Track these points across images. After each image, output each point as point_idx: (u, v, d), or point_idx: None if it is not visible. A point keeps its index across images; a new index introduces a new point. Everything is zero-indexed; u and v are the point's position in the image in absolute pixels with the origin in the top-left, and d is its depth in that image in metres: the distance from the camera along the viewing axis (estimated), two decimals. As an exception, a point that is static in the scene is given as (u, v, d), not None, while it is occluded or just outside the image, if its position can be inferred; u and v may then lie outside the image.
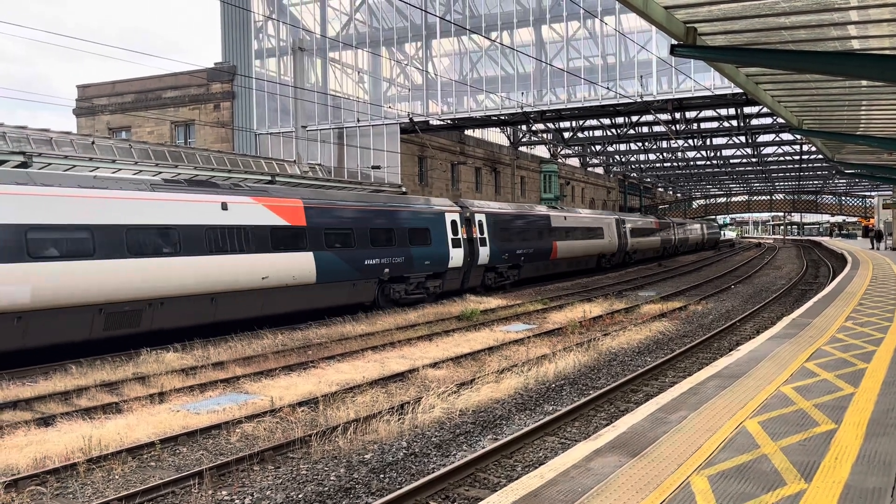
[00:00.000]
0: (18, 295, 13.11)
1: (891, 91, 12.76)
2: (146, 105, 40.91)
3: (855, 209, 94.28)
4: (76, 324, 14.27)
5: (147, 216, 15.51)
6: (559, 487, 5.31)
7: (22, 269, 13.18)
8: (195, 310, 16.52)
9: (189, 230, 16.28)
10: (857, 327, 12.88)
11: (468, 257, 25.97)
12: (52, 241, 13.84)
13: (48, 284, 13.60)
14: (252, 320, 18.05)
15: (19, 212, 13.28)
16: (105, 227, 14.62)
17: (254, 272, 17.58)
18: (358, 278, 21.02)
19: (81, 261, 14.14)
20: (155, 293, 15.48)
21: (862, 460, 5.76)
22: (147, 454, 8.97)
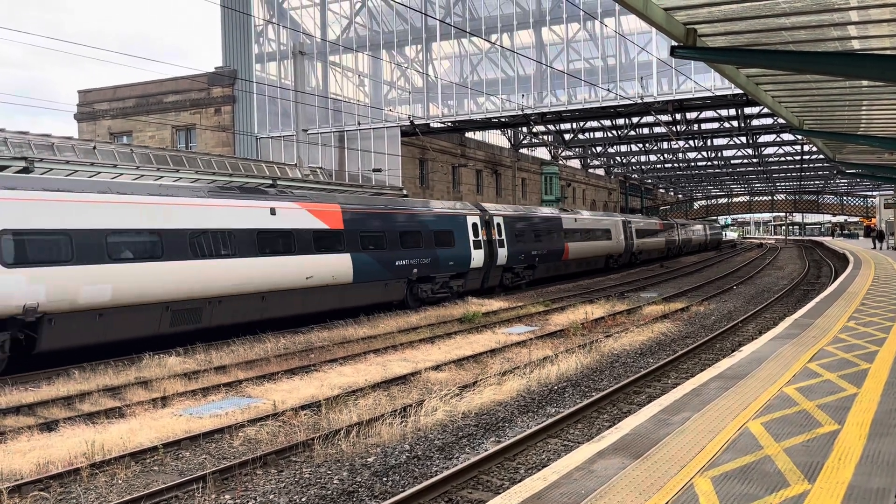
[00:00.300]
0: (101, 293, 14.41)
1: (891, 91, 12.76)
2: (147, 110, 40.97)
3: (857, 209, 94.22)
4: (147, 320, 15.51)
5: (206, 221, 16.71)
6: (562, 490, 5.31)
7: (104, 270, 14.47)
8: (247, 307, 17.68)
9: (243, 234, 17.47)
10: (859, 327, 12.87)
11: (488, 258, 27.18)
12: (127, 244, 15.13)
13: (125, 283, 14.84)
14: (296, 317, 19.21)
15: (101, 218, 14.65)
16: (172, 231, 15.87)
17: (299, 272, 18.76)
18: (389, 278, 22.23)
19: (152, 262, 15.44)
20: (213, 292, 16.68)
21: (865, 461, 5.75)
22: (150, 458, 8.97)
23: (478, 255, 26.47)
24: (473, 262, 26.23)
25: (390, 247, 22.24)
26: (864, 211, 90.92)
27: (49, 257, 13.78)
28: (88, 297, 14.18)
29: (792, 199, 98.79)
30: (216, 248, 16.78)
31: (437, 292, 24.56)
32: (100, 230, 14.55)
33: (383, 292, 22.18)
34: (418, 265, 23.31)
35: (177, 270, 15.79)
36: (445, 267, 24.73)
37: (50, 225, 13.82)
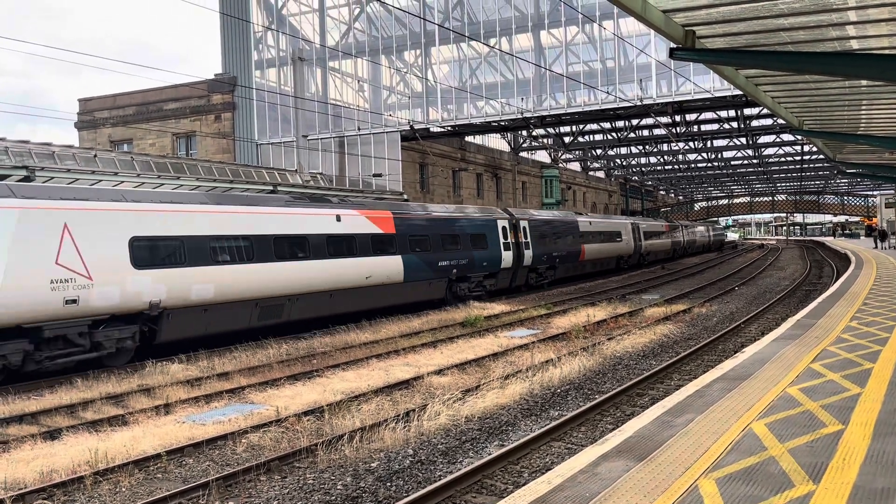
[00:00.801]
0: (206, 291, 16.45)
1: (891, 90, 12.77)
2: (147, 117, 41.05)
3: (857, 209, 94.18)
4: (241, 315, 17.51)
5: (285, 227, 18.80)
6: (567, 493, 5.30)
7: (208, 271, 16.56)
8: (318, 304, 19.60)
9: (315, 238, 19.56)
10: (862, 327, 12.85)
11: (516, 259, 29.27)
12: (225, 248, 17.17)
13: (224, 283, 16.84)
14: (356, 313, 21.06)
15: (205, 226, 16.72)
16: (259, 237, 17.96)
17: (360, 272, 20.89)
18: (433, 278, 24.30)
19: (245, 264, 17.45)
20: (292, 290, 18.65)
21: (870, 461, 5.74)
22: (153, 466, 8.97)
23: (507, 257, 28.48)
24: (504, 262, 28.29)
25: (433, 249, 24.27)
26: (865, 210, 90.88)
27: (167, 261, 15.81)
28: (197, 294, 16.27)
29: (793, 200, 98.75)
30: (294, 251, 18.86)
31: (472, 291, 26.56)
32: (205, 236, 16.66)
33: (427, 290, 24.19)
34: (457, 266, 25.36)
35: (264, 271, 17.83)
36: (480, 267, 26.76)
37: (167, 232, 15.88)
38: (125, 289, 14.87)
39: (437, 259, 24.29)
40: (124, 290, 14.85)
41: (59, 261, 13.80)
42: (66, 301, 13.84)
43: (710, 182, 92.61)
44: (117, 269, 14.77)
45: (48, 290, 13.61)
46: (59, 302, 13.73)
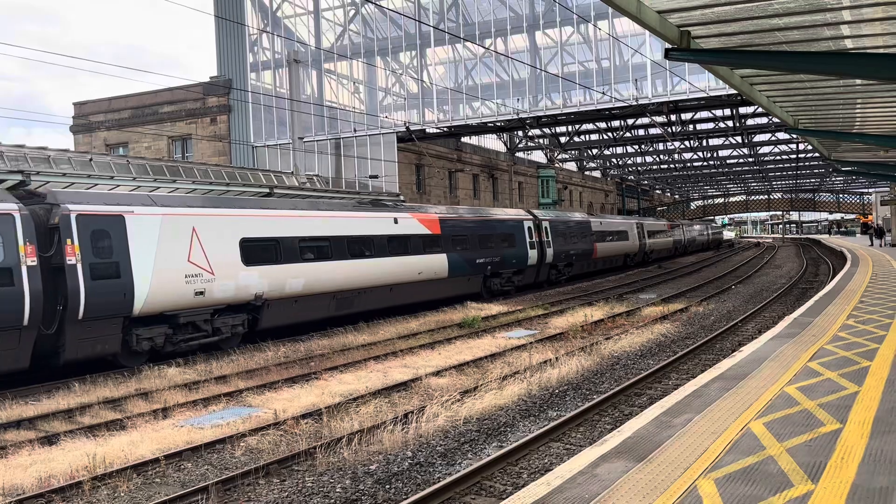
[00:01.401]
0: (297, 285, 18.95)
1: (885, 89, 12.80)
2: (143, 121, 40.98)
3: (853, 206, 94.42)
4: (322, 305, 20.07)
5: (354, 229, 21.24)
6: (566, 494, 5.31)
7: (298, 268, 19.05)
8: (381, 297, 22.14)
9: (379, 239, 22.07)
10: (858, 325, 12.88)
11: (540, 257, 31.84)
12: (311, 248, 19.64)
13: (310, 278, 19.34)
14: (409, 305, 23.61)
15: (295, 229, 19.26)
16: (336, 238, 20.45)
17: (413, 269, 23.46)
18: (471, 274, 26.90)
19: (326, 262, 19.94)
20: (360, 284, 21.14)
21: (868, 459, 5.76)
22: (152, 471, 8.95)
23: (533, 255, 31.09)
24: (530, 260, 30.93)
25: (472, 248, 26.78)
26: (861, 208, 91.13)
27: (267, 259, 18.24)
28: (290, 287, 18.75)
29: (788, 198, 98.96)
30: (362, 250, 21.32)
31: (503, 286, 29.12)
32: (296, 237, 19.17)
33: (466, 285, 26.75)
34: (491, 263, 27.91)
35: (340, 268, 20.37)
36: (510, 264, 29.30)
37: (267, 234, 18.40)
38: (238, 282, 17.40)
39: (474, 257, 26.86)
40: (237, 284, 17.39)
41: (191, 259, 16.33)
42: (195, 293, 16.39)
43: (706, 181, 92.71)
44: (232, 266, 17.28)
45: (183, 284, 16.13)
46: (191, 293, 16.26)
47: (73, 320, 14.09)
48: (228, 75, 39.76)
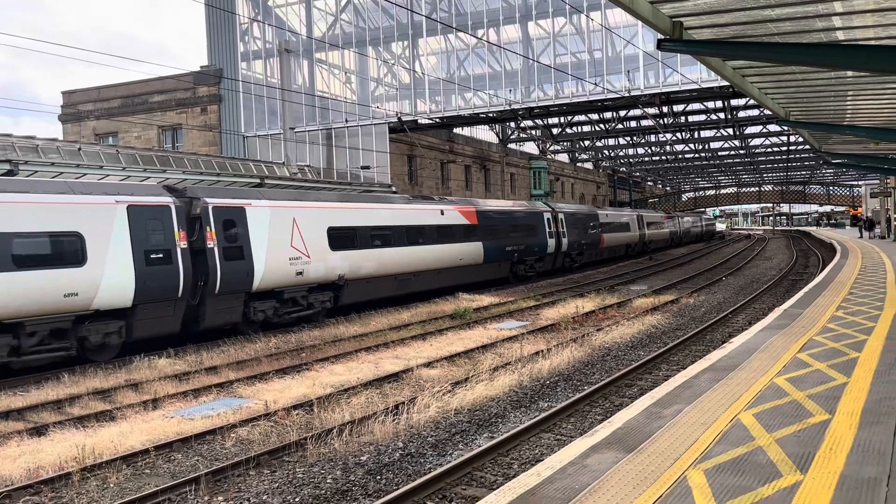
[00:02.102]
0: (369, 268, 21.85)
1: (876, 81, 12.83)
2: (133, 110, 40.69)
3: (843, 199, 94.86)
4: (387, 286, 22.89)
5: (411, 220, 24.08)
6: (556, 485, 5.31)
7: (370, 253, 21.87)
8: (430, 279, 24.97)
9: (430, 228, 24.86)
10: (847, 317, 12.95)
11: (557, 245, 34.51)
12: (378, 236, 22.36)
13: (379, 261, 22.22)
14: (452, 287, 26.17)
15: (367, 219, 22.09)
16: (397, 227, 23.21)
17: (457, 255, 26.32)
18: (501, 260, 29.68)
19: (389, 248, 22.69)
20: (415, 268, 23.98)
21: (857, 450, 5.79)
22: (142, 462, 8.93)
23: (551, 243, 33.86)
24: (549, 248, 33.69)
25: (502, 237, 29.49)
26: (851, 200, 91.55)
27: (347, 245, 20.96)
28: (364, 270, 21.57)
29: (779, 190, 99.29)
30: (416, 238, 24.01)
31: (527, 271, 32.09)
32: (367, 227, 21.92)
33: (496, 270, 29.60)
34: (517, 250, 30.60)
35: (399, 253, 23.12)
36: (532, 252, 32.09)
37: (348, 224, 21.16)
38: (326, 265, 20.13)
39: (504, 245, 29.60)
40: (326, 266, 20.12)
41: (292, 244, 19.10)
42: (296, 273, 19.13)
43: (698, 173, 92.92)
44: (322, 251, 20.01)
45: (288, 265, 18.87)
46: (293, 273, 19.04)
47: (211, 294, 16.92)
48: (219, 65, 39.50)
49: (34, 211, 13.97)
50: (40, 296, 13.75)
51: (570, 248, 36.04)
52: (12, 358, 13.57)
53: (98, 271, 14.69)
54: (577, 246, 36.86)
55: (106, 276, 14.82)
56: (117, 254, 15.09)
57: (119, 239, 15.19)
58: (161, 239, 15.93)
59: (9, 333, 13.49)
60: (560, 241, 34.72)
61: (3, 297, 13.16)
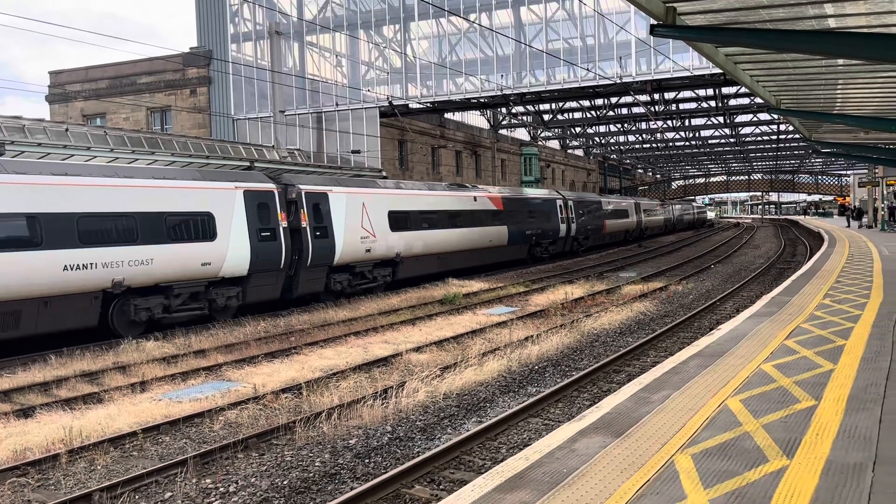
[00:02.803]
0: (420, 247, 25.08)
1: (867, 70, 12.84)
2: (121, 91, 40.26)
3: (831, 188, 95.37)
4: (432, 263, 26.18)
5: (451, 205, 27.28)
6: (544, 469, 5.33)
7: (420, 234, 25.09)
8: (465, 258, 28.14)
9: (466, 213, 27.99)
10: (834, 304, 13.04)
11: (567, 230, 37.65)
12: (427, 219, 25.64)
13: (427, 241, 25.51)
14: (481, 266, 29.73)
15: (418, 205, 25.27)
16: (440, 212, 26.52)
17: (486, 237, 29.58)
18: (522, 242, 32.85)
19: (435, 230, 26.06)
20: (454, 248, 27.16)
21: (842, 436, 5.84)
22: (129, 444, 8.90)
23: (563, 228, 37.05)
24: (561, 232, 36.89)
25: (522, 221, 32.44)
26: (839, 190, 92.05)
27: (403, 227, 24.03)
28: (415, 249, 24.83)
29: (768, 179, 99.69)
30: (455, 222, 27.23)
31: (542, 253, 34.89)
32: (419, 211, 25.10)
33: (518, 251, 32.77)
34: (535, 234, 33.77)
35: (443, 234, 26.45)
36: (547, 235, 35.21)
37: (403, 208, 24.27)
38: (387, 244, 23.20)
39: (524, 229, 32.56)
40: (387, 245, 23.17)
41: (362, 226, 22.19)
42: (366, 250, 22.27)
43: (688, 161, 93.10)
44: (384, 232, 23.06)
45: (359, 243, 21.95)
46: (363, 250, 22.17)
47: (304, 266, 19.94)
48: (208, 46, 39.09)
49: (181, 194, 16.87)
50: (185, 264, 16.77)
51: (578, 233, 39.20)
52: (164, 314, 16.55)
53: (225, 245, 17.69)
54: (583, 231, 40.07)
55: (230, 249, 17.82)
56: (238, 231, 18.06)
57: (239, 219, 18.15)
58: (268, 219, 18.88)
59: (162, 294, 16.50)
60: (570, 227, 37.94)
61: (160, 264, 16.13)
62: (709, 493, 4.78)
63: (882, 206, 45.72)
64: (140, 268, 15.73)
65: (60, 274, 14.29)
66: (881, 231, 41.91)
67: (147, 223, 15.97)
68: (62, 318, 14.57)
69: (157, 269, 16.08)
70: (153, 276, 16.08)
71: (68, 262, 14.42)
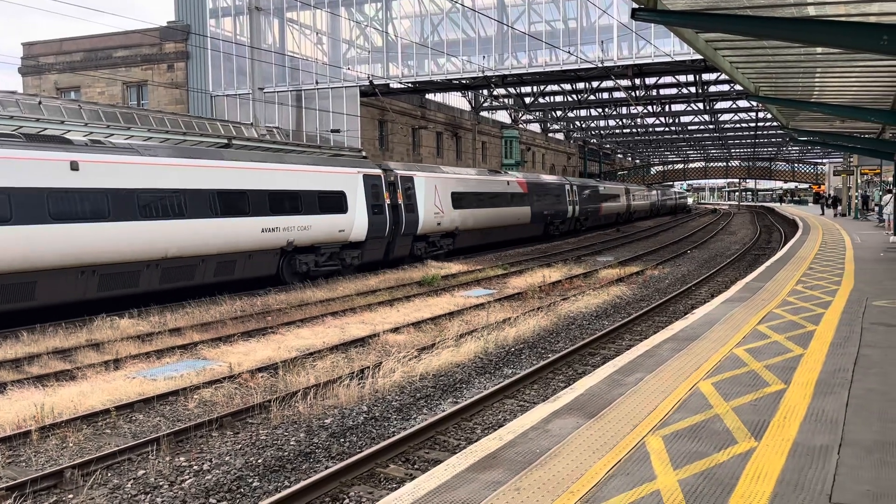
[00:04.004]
0: (472, 222, 29.98)
1: (845, 58, 12.97)
2: (96, 64, 39.52)
3: (807, 176, 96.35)
4: (478, 237, 31.28)
5: (493, 188, 32.45)
6: (517, 449, 5.38)
7: (472, 212, 29.99)
8: (499, 233, 33.25)
9: (502, 195, 33.07)
10: (806, 290, 13.24)
11: (573, 211, 42.78)
12: (477, 199, 30.46)
13: (477, 218, 30.46)
14: (509, 241, 34.77)
15: (471, 186, 30.33)
16: (485, 193, 31.47)
17: (516, 216, 34.63)
18: (540, 221, 37.77)
19: (481, 209, 30.91)
20: (493, 224, 32.19)
21: (809, 419, 5.95)
22: (102, 422, 8.84)
23: (570, 209, 42.08)
24: (569, 213, 41.94)
25: (540, 202, 37.30)
26: (815, 178, 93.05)
27: (461, 205, 28.93)
28: (469, 224, 29.74)
29: (746, 166, 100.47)
30: (493, 202, 32.07)
31: (554, 231, 39.84)
32: (472, 192, 30.10)
33: (535, 229, 37.55)
34: (549, 214, 38.75)
35: (486, 212, 31.37)
36: (558, 216, 40.19)
37: (461, 190, 29.28)
38: (451, 219, 28.30)
39: (542, 209, 37.48)
40: (451, 219, 28.29)
41: (435, 203, 27.09)
42: (437, 223, 27.35)
43: (667, 146, 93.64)
44: (448, 209, 28.04)
45: (433, 218, 26.97)
46: (436, 224, 27.26)
47: (398, 235, 24.98)
48: (186, 21, 38.46)
49: (326, 177, 21.87)
50: (329, 230, 21.73)
51: (580, 215, 44.03)
52: (314, 268, 21.43)
53: (352, 217, 22.55)
54: (585, 213, 44.91)
55: (356, 220, 22.68)
56: (360, 207, 22.82)
57: (360, 197, 22.91)
58: (377, 197, 23.73)
59: (313, 253, 21.39)
60: (575, 209, 42.85)
61: (315, 230, 21.08)
62: (678, 473, 4.86)
63: (856, 194, 46.37)
64: (303, 232, 20.68)
65: (259, 235, 19.19)
66: (854, 219, 42.53)
67: (307, 199, 20.90)
68: (257, 267, 19.42)
69: (313, 233, 21.08)
70: (311, 238, 21.05)
71: (264, 226, 19.33)
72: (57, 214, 14.49)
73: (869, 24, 8.83)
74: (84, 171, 15.10)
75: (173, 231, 16.75)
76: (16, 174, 13.92)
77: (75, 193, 14.89)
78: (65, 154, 14.90)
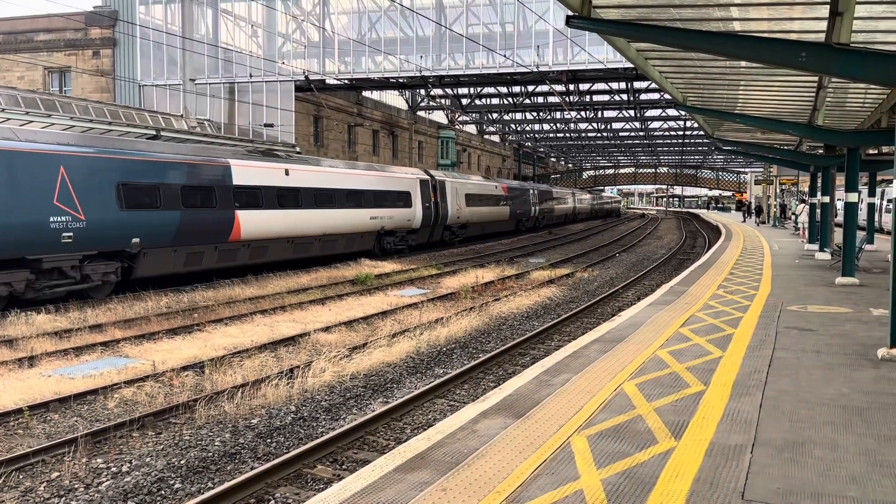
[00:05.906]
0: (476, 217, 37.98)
1: (767, 73, 13.50)
2: (15, 48, 37.73)
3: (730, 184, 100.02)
4: (479, 227, 39.29)
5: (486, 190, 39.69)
6: (445, 449, 5.41)
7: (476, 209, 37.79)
8: (489, 227, 41.34)
9: (493, 196, 40.83)
10: (727, 295, 13.76)
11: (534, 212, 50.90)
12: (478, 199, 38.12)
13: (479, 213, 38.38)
14: (497, 233, 43.34)
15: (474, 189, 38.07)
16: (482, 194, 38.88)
17: (503, 213, 43.06)
18: (514, 218, 45.76)
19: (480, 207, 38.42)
20: (487, 219, 39.96)
21: (726, 419, 6.18)
22: (14, 421, 8.45)
23: (534, 209, 50.41)
24: (532, 213, 50.02)
25: (515, 203, 45.35)
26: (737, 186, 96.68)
27: (469, 203, 36.88)
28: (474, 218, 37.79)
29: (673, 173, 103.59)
30: (488, 201, 40.02)
31: (523, 227, 48.69)
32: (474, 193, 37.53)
33: (511, 224, 45.80)
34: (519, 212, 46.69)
35: (484, 210, 39.19)
36: (526, 215, 48.45)
37: (471, 192, 36.92)
38: (465, 214, 36.30)
39: (516, 209, 45.62)
40: (465, 214, 36.30)
41: (456, 202, 34.77)
42: (458, 217, 35.08)
43: (599, 151, 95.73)
44: (463, 206, 35.83)
45: (456, 212, 34.74)
46: (457, 217, 35.01)
47: (437, 224, 33.05)
48: (114, 6, 37.13)
49: (401, 181, 30.07)
50: (402, 219, 29.86)
51: (540, 214, 52.48)
52: (392, 247, 29.25)
53: (413, 210, 30.70)
54: (543, 212, 53.19)
55: (416, 213, 30.86)
56: (417, 203, 31.02)
57: (417, 196, 31.04)
58: (427, 197, 31.91)
59: (392, 235, 29.33)
60: (536, 209, 51.05)
61: (395, 219, 29.18)
62: (601, 472, 4.98)
63: (775, 203, 48.41)
64: (390, 220, 28.79)
65: (369, 221, 27.26)
66: (773, 227, 44.41)
67: (391, 197, 28.87)
68: (365, 242, 27.47)
69: (394, 221, 29.12)
70: (393, 224, 29.19)
71: (371, 216, 27.34)
72: (280, 203, 22.12)
73: (789, 41, 9.23)
74: (292, 176, 22.93)
75: (331, 216, 24.77)
76: (259, 177, 21.50)
77: (286, 190, 22.49)
78: (282, 164, 22.91)
